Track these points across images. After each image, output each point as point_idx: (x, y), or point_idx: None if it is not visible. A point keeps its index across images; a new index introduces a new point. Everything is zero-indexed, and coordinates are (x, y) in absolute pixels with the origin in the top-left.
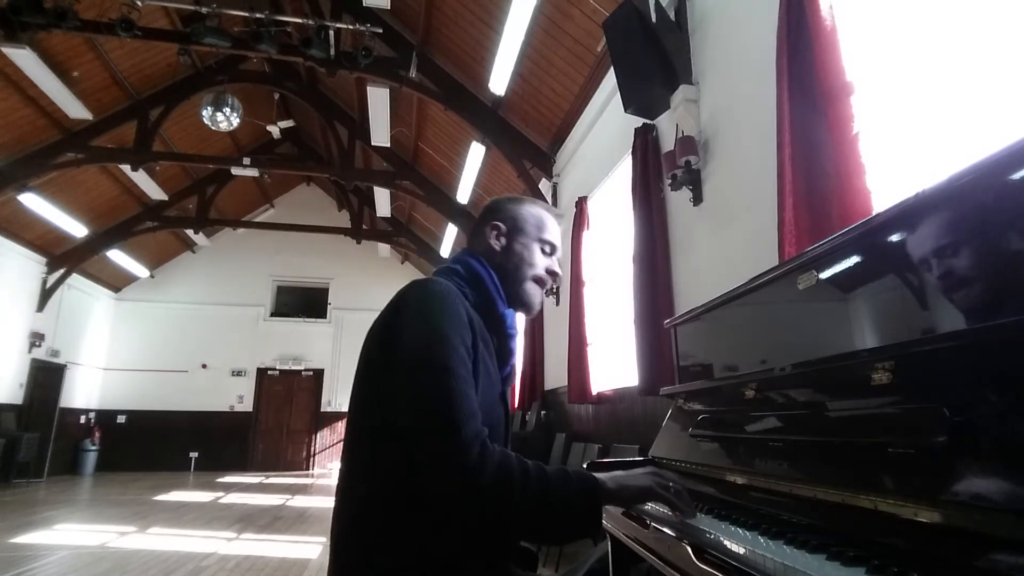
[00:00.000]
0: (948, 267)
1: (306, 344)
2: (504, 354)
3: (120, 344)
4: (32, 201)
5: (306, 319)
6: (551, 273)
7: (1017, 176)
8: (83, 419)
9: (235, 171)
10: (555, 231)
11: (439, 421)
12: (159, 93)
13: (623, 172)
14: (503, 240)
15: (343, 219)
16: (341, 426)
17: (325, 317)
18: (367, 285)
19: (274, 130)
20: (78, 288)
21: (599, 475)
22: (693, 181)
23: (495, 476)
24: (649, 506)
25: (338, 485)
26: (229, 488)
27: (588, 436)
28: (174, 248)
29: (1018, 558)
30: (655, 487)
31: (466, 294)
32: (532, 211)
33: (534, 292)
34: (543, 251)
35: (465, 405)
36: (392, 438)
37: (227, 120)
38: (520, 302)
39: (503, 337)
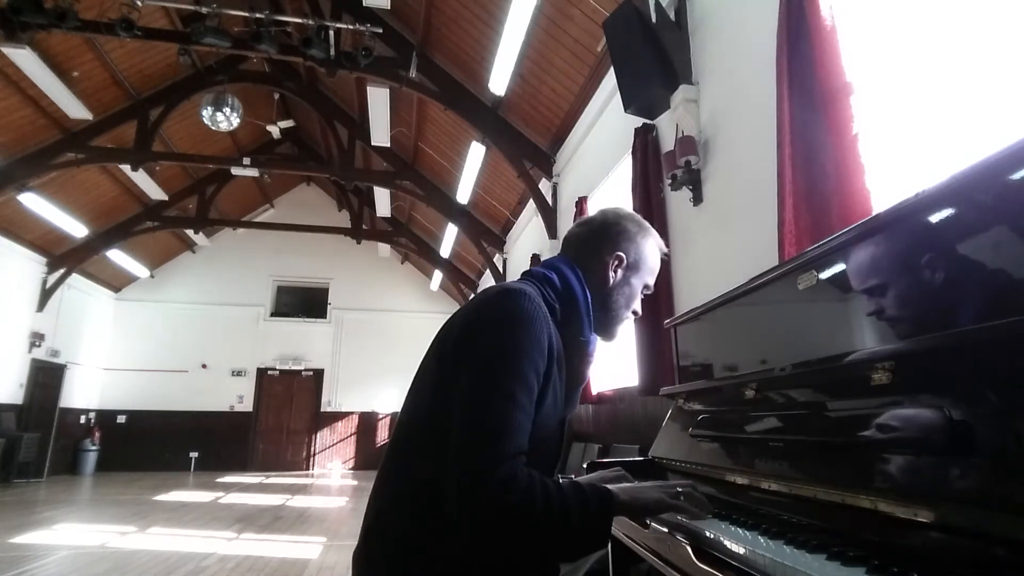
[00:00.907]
0: (948, 267)
1: (306, 344)
2: (577, 379)
3: (120, 344)
4: (32, 201)
5: (306, 319)
6: (635, 313)
7: (1017, 176)
8: (83, 419)
9: (235, 171)
10: (656, 272)
11: (484, 444)
12: (159, 93)
13: (623, 172)
14: (619, 273)
15: (343, 219)
16: (341, 426)
17: (325, 317)
18: (367, 285)
19: (274, 130)
20: (78, 288)
21: (612, 488)
22: (693, 181)
23: (519, 503)
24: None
25: (384, 461)
26: (229, 488)
27: (588, 436)
28: (174, 248)
29: (1018, 558)
30: (666, 498)
31: (554, 309)
32: (652, 251)
33: (620, 328)
34: (641, 292)
35: (515, 440)
36: (436, 442)
37: (227, 120)
38: (608, 332)
39: (581, 362)
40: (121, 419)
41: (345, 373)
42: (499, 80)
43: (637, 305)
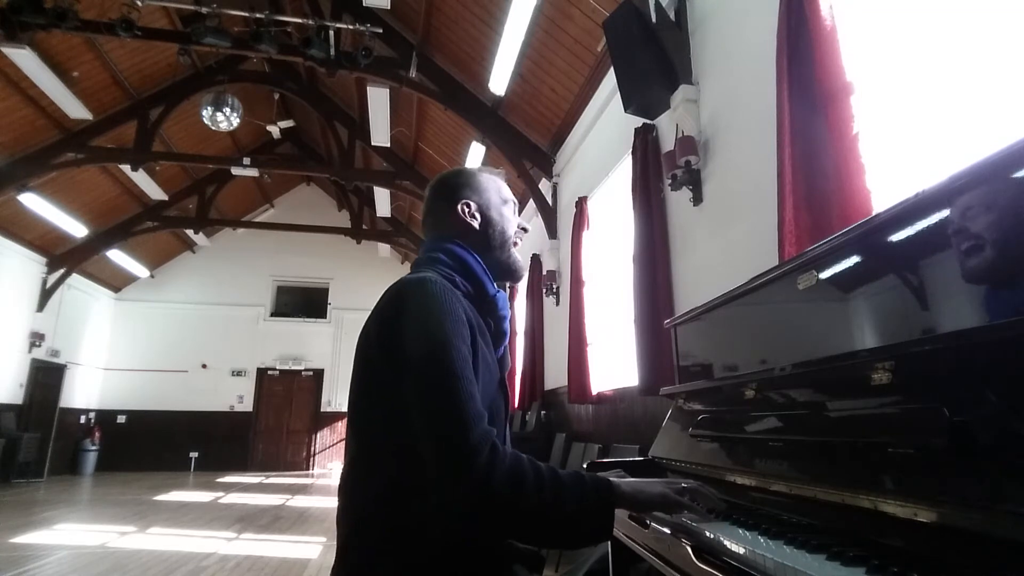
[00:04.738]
0: (948, 267)
1: (306, 344)
2: (498, 337)
3: (120, 344)
4: (32, 201)
5: (306, 319)
6: (523, 229)
7: (1017, 176)
8: (83, 419)
9: (235, 171)
10: (508, 189)
11: (447, 427)
12: (159, 93)
13: (623, 172)
14: (479, 216)
15: (343, 219)
16: (341, 426)
17: (325, 317)
18: (367, 285)
19: (274, 130)
20: (78, 288)
21: (614, 479)
22: (693, 181)
23: (506, 481)
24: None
25: (341, 485)
26: (229, 488)
27: (588, 436)
28: (174, 248)
29: (1018, 558)
30: (671, 494)
31: (456, 283)
32: (486, 178)
33: (518, 256)
34: (511, 213)
35: (472, 408)
36: (398, 444)
37: (227, 120)
38: (509, 271)
39: (496, 320)
40: (121, 419)
41: (345, 373)
42: (499, 80)
43: (518, 222)
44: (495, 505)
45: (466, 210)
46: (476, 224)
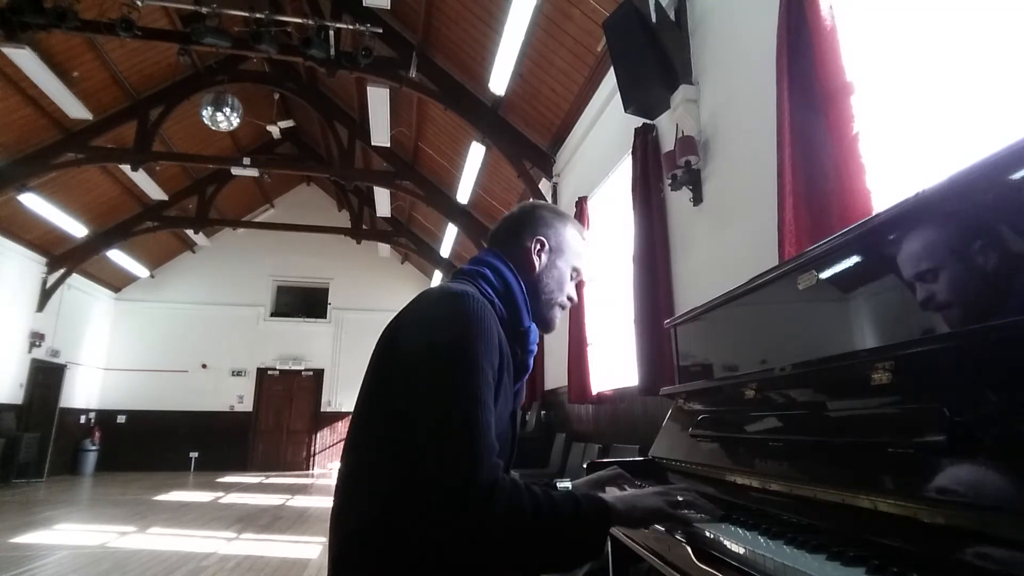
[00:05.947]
0: (948, 267)
1: (306, 344)
2: (521, 369)
3: (120, 344)
4: (32, 201)
5: (306, 319)
6: (570, 299)
7: (1017, 176)
8: (83, 419)
9: (235, 171)
10: (587, 259)
11: (457, 456)
12: (159, 93)
13: (623, 172)
14: (544, 258)
15: (343, 219)
16: (341, 426)
17: (325, 317)
18: (367, 285)
19: (274, 130)
20: (78, 288)
21: (607, 497)
22: (693, 181)
23: (504, 513)
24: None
25: (338, 488)
26: (229, 488)
27: (588, 436)
28: (174, 248)
29: (1018, 558)
30: (665, 508)
31: (492, 303)
32: (574, 235)
33: (557, 315)
34: (571, 277)
35: (486, 440)
36: (407, 458)
37: (227, 120)
38: (542, 321)
39: (524, 352)
40: (121, 419)
41: (345, 373)
42: (499, 80)
43: (571, 290)
44: (493, 535)
45: (537, 245)
46: (538, 264)
